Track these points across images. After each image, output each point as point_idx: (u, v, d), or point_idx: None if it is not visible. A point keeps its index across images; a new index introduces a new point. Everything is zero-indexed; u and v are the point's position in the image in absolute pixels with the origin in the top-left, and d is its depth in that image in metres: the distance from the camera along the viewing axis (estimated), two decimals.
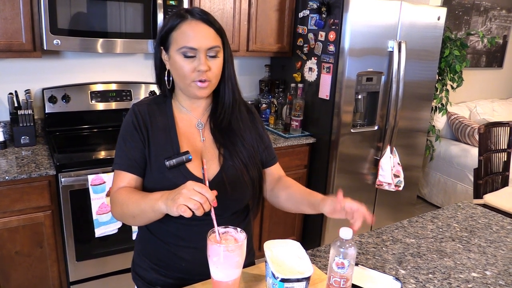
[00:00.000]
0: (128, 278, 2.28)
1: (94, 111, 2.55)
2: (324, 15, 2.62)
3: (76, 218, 2.10)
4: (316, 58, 2.75)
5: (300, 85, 2.78)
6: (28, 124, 2.27)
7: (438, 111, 3.69)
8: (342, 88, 2.62)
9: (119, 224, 2.13)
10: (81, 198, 2.06)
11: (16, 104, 2.31)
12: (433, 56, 2.98)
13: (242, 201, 1.25)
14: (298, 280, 0.99)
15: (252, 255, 1.37)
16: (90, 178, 2.02)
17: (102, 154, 2.31)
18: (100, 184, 2.04)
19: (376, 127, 2.86)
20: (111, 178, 2.05)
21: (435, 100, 3.55)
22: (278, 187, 1.32)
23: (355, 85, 2.66)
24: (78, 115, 2.51)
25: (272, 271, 1.00)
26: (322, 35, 2.67)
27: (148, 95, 2.69)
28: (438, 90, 3.56)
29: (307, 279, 1.00)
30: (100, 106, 2.56)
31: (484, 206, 2.61)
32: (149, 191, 1.09)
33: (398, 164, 2.90)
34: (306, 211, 1.21)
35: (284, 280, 0.98)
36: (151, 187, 1.15)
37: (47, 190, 2.03)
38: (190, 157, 1.12)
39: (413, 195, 3.30)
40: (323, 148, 2.78)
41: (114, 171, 1.18)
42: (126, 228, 2.16)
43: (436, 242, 1.46)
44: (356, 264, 1.22)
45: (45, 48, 2.08)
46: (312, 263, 1.07)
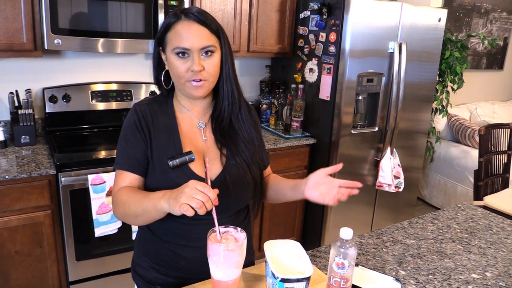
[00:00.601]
0: (127, 278, 2.28)
1: (95, 111, 2.55)
2: (324, 16, 2.62)
3: (76, 218, 2.10)
4: (316, 59, 2.75)
5: (300, 86, 2.78)
6: (28, 123, 2.27)
7: (438, 112, 3.69)
8: (343, 89, 2.62)
9: (119, 224, 2.12)
10: (81, 198, 2.06)
11: (16, 104, 2.32)
12: (433, 57, 2.98)
13: (244, 200, 1.25)
14: (298, 280, 0.99)
15: (252, 255, 1.37)
16: (90, 177, 2.02)
17: (102, 154, 2.31)
18: (100, 183, 2.04)
19: (376, 128, 2.86)
20: (111, 178, 2.05)
21: (435, 102, 3.55)
22: (265, 181, 1.35)
23: (356, 86, 2.66)
24: (78, 114, 2.51)
25: (272, 271, 1.00)
26: (322, 36, 2.67)
27: (148, 95, 2.69)
28: (439, 92, 3.56)
29: (307, 279, 1.00)
30: (100, 106, 2.56)
31: (484, 207, 2.60)
32: (151, 191, 1.09)
33: (398, 165, 2.90)
34: (287, 195, 1.25)
35: (284, 280, 0.98)
36: (153, 186, 1.15)
37: (47, 189, 2.03)
38: (193, 157, 1.12)
39: (413, 197, 3.30)
40: (323, 149, 2.78)
41: (115, 170, 1.18)
42: (125, 228, 2.16)
43: (436, 243, 1.46)
44: (356, 265, 1.22)
45: (46, 47, 2.09)
46: (312, 263, 1.07)
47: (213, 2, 2.55)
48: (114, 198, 1.15)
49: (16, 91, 2.34)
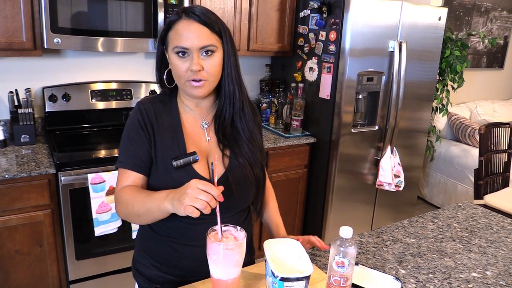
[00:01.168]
0: (127, 277, 2.29)
1: (94, 110, 2.55)
2: (325, 15, 2.62)
3: (75, 217, 2.10)
4: (316, 58, 2.74)
5: (300, 84, 2.78)
6: (28, 122, 2.27)
7: (438, 111, 3.69)
8: (343, 88, 2.61)
9: (118, 223, 2.12)
10: (81, 197, 2.06)
11: (16, 103, 2.31)
12: (433, 56, 2.97)
13: (247, 200, 1.25)
14: (298, 279, 0.99)
15: (253, 254, 1.37)
16: (90, 177, 2.02)
17: (102, 153, 2.31)
18: (100, 183, 2.04)
19: (376, 127, 2.86)
20: (111, 177, 2.05)
21: (435, 101, 3.55)
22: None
23: (356, 85, 2.65)
24: (78, 114, 2.51)
25: (272, 270, 1.00)
26: (322, 34, 2.67)
27: (148, 94, 2.69)
28: (439, 91, 3.56)
29: (306, 278, 1.00)
30: (100, 105, 2.56)
31: (484, 206, 2.60)
32: (154, 190, 1.09)
33: (399, 164, 2.89)
34: (269, 229, 1.43)
35: (283, 279, 0.98)
36: (157, 186, 1.15)
37: (47, 188, 2.03)
38: (197, 157, 1.12)
39: (413, 196, 3.29)
40: (323, 148, 2.78)
41: (118, 169, 1.17)
42: (125, 227, 2.16)
43: (437, 242, 1.46)
44: (356, 264, 1.22)
45: (45, 46, 2.08)
46: (312, 262, 1.07)
47: (213, 1, 2.54)
48: (117, 197, 1.15)
49: (16, 90, 2.34)
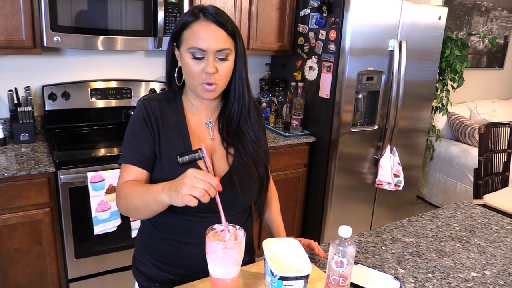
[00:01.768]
0: (126, 276, 2.30)
1: (94, 109, 2.55)
2: (325, 14, 2.62)
3: (75, 216, 2.10)
4: (316, 57, 2.74)
5: (300, 84, 2.77)
6: (27, 121, 2.26)
7: (438, 111, 3.69)
8: (343, 87, 2.61)
9: (118, 221, 2.12)
10: (80, 196, 2.06)
11: (16, 101, 2.31)
12: (433, 56, 2.97)
13: (250, 199, 1.26)
14: (297, 278, 0.99)
15: (253, 254, 1.37)
16: (90, 175, 2.02)
17: (101, 152, 2.31)
18: (100, 181, 2.04)
19: (376, 127, 2.86)
20: (110, 176, 2.05)
21: (435, 100, 3.54)
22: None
23: (356, 84, 2.65)
24: (78, 112, 2.51)
25: (270, 269, 1.00)
26: (322, 34, 2.67)
27: (148, 93, 2.69)
28: (439, 90, 3.56)
29: (305, 277, 1.00)
30: (100, 104, 2.56)
31: (484, 206, 2.61)
32: None
33: (398, 163, 2.89)
34: (269, 230, 1.41)
35: (282, 278, 0.98)
36: (160, 181, 1.14)
37: (46, 187, 2.03)
38: (203, 154, 1.12)
39: (412, 195, 3.30)
40: (323, 147, 2.78)
41: (120, 164, 1.17)
42: (125, 226, 2.16)
43: (436, 241, 1.46)
44: (355, 263, 1.22)
45: (45, 45, 2.08)
46: (311, 261, 1.07)
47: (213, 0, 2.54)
48: (117, 191, 1.15)
49: (15, 88, 2.34)
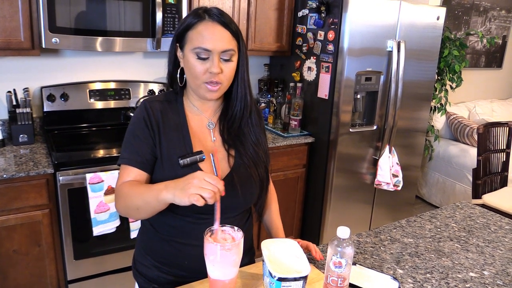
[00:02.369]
0: (125, 277, 2.29)
1: (93, 110, 2.55)
2: (323, 15, 2.62)
3: (74, 217, 2.09)
4: (315, 57, 2.74)
5: (299, 84, 2.78)
6: (26, 122, 2.26)
7: (437, 111, 3.69)
8: (341, 87, 2.61)
9: (117, 222, 2.12)
10: (79, 197, 2.06)
11: (14, 103, 2.31)
12: (432, 56, 2.97)
13: (251, 200, 1.26)
14: (295, 279, 0.99)
15: (252, 255, 1.37)
16: (88, 176, 2.01)
17: (100, 153, 2.31)
18: (98, 182, 2.04)
19: (375, 127, 2.86)
20: (109, 177, 2.05)
21: (434, 100, 3.55)
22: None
23: (354, 84, 2.65)
24: (76, 113, 2.51)
25: (269, 270, 1.00)
26: (321, 34, 2.67)
27: (147, 94, 2.69)
28: (437, 90, 3.56)
29: (304, 278, 1.00)
30: (98, 105, 2.56)
31: (482, 206, 2.61)
32: None
33: (397, 163, 2.90)
34: (268, 231, 1.42)
35: (281, 279, 0.98)
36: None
37: (45, 188, 2.03)
38: (204, 157, 1.13)
39: (411, 195, 3.30)
40: (322, 148, 2.78)
41: (120, 165, 1.17)
42: (124, 227, 2.16)
43: (434, 241, 1.46)
44: (354, 264, 1.22)
45: (43, 46, 2.08)
46: (310, 262, 1.07)
47: (211, 0, 2.54)
48: (116, 192, 1.15)
49: (14, 90, 2.33)
